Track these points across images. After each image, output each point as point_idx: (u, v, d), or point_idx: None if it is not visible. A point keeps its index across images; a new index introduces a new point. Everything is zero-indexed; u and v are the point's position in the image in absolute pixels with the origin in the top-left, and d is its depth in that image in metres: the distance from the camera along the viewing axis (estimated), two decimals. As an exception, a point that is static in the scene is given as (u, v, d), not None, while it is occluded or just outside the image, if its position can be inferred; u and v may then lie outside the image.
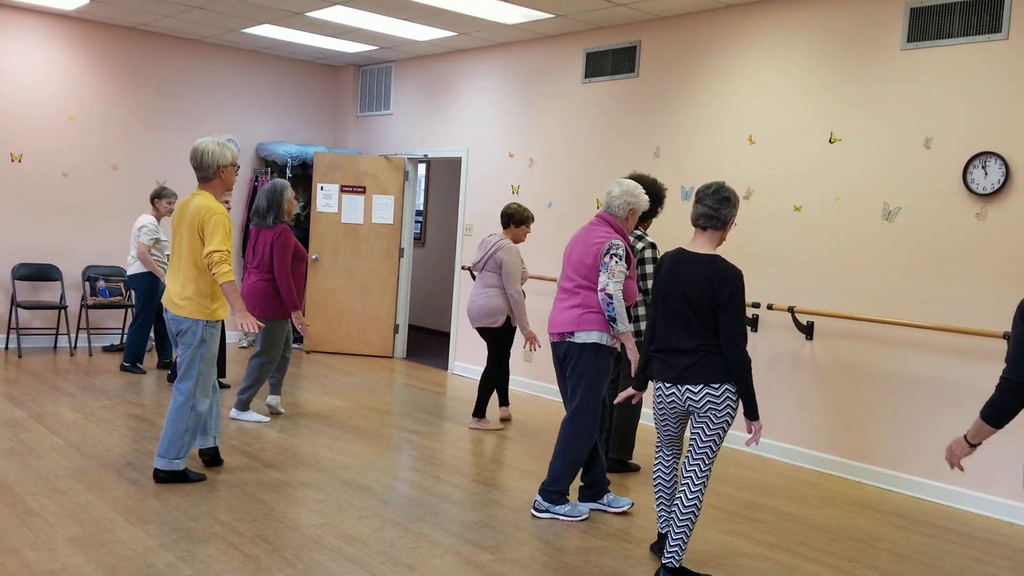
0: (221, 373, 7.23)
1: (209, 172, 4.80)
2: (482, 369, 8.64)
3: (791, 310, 6.13)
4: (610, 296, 4.44)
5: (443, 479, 5.29)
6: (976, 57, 5.41)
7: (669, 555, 3.81)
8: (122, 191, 9.24)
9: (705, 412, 3.76)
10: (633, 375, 4.44)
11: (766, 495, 5.41)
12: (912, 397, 5.64)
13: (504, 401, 6.99)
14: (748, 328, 6.41)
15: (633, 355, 4.57)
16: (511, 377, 8.32)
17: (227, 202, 6.33)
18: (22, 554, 3.79)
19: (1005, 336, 5.15)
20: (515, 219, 6.46)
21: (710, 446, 3.79)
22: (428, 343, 10.88)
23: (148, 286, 7.84)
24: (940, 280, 5.54)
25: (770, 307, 6.28)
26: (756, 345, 6.44)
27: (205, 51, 9.61)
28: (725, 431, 3.79)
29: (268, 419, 6.44)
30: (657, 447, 4.14)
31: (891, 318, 5.71)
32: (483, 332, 6.54)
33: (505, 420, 6.94)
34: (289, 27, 8.49)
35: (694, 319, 3.74)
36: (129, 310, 9.07)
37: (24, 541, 3.93)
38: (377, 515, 4.57)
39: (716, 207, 3.82)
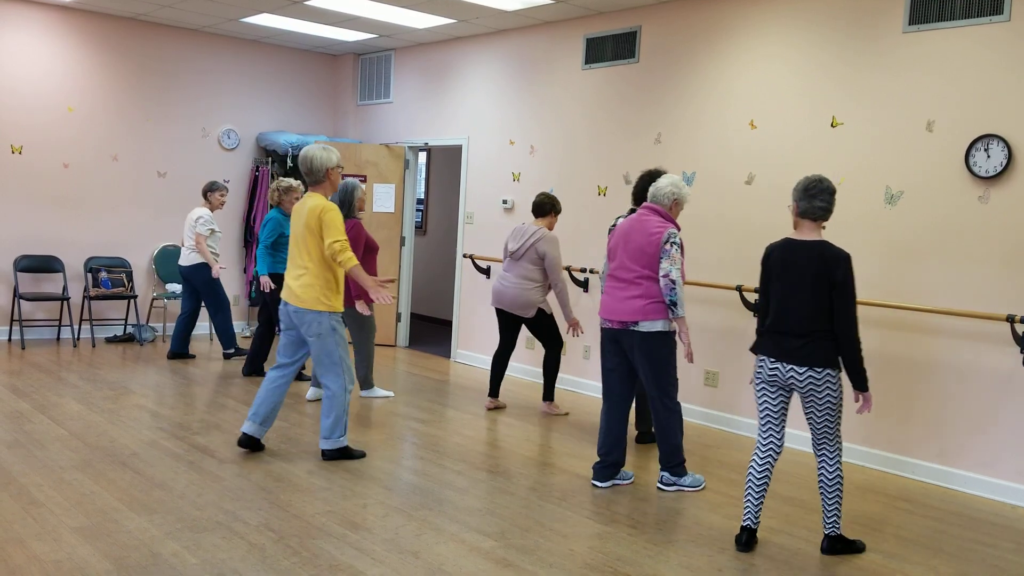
0: (261, 366, 7.61)
1: (319, 176, 5.15)
2: (485, 356, 8.68)
3: (793, 295, 6.12)
4: (673, 282, 4.75)
5: (447, 467, 5.30)
6: (978, 39, 5.38)
7: (830, 525, 4.19)
8: (123, 182, 9.23)
9: (808, 393, 4.06)
10: (686, 356, 4.91)
11: (775, 483, 5.40)
12: (916, 381, 5.64)
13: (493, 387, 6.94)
14: (753, 314, 6.44)
15: (687, 337, 4.89)
16: (513, 364, 8.33)
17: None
18: (28, 545, 3.80)
19: (1008, 319, 5.15)
20: (556, 209, 6.61)
21: (827, 425, 4.09)
22: (431, 331, 10.88)
23: (210, 275, 8.04)
24: (943, 263, 5.53)
25: (772, 292, 6.27)
26: (759, 330, 6.44)
27: (204, 41, 9.59)
28: (835, 408, 4.07)
29: (391, 393, 7.08)
30: (758, 435, 4.27)
31: (894, 302, 5.70)
32: (512, 317, 6.66)
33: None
34: (288, 16, 8.46)
35: (811, 301, 4.02)
36: (132, 301, 9.09)
37: (30, 532, 3.94)
38: (381, 503, 4.58)
39: (830, 201, 4.11)
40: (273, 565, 3.73)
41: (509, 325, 6.75)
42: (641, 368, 4.92)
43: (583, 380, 7.75)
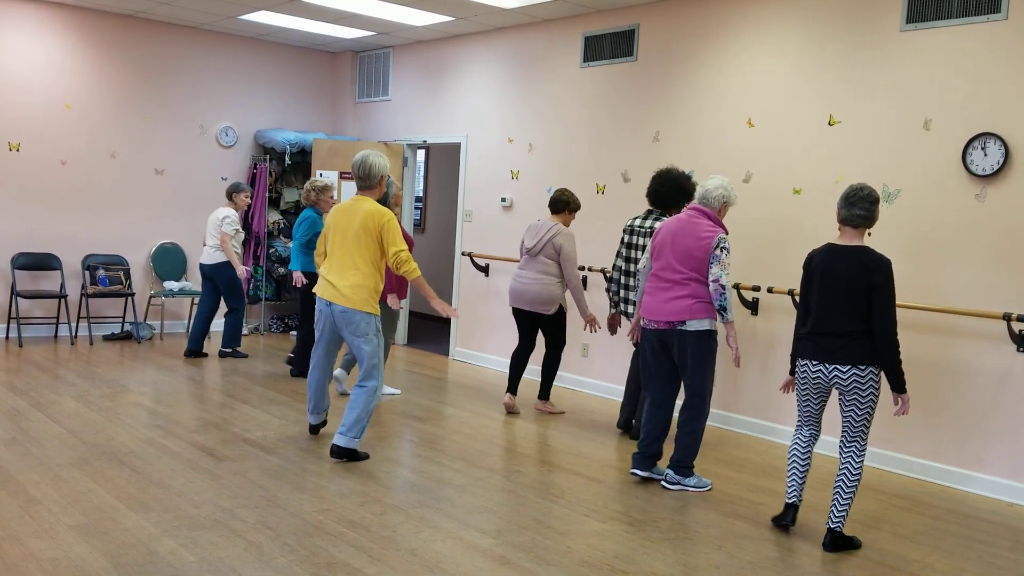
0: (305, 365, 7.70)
1: (373, 181, 5.30)
2: (483, 354, 8.69)
3: (791, 293, 6.12)
4: (723, 287, 4.82)
5: (445, 464, 5.31)
6: (975, 38, 5.38)
7: (837, 520, 4.25)
8: (121, 179, 9.22)
9: (851, 391, 4.18)
10: (734, 360, 4.97)
11: (767, 478, 5.42)
12: (912, 378, 5.63)
13: (544, 394, 6.89)
14: (750, 312, 6.45)
15: (735, 342, 4.93)
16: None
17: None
18: (25, 542, 3.80)
19: (1005, 317, 5.15)
20: (571, 206, 6.58)
21: (864, 422, 4.22)
22: (429, 329, 10.88)
23: (233, 274, 8.17)
24: (940, 262, 5.53)
25: (770, 290, 6.28)
26: (756, 328, 6.44)
27: (202, 38, 9.57)
28: (874, 407, 4.21)
29: (398, 391, 7.20)
30: (797, 426, 4.49)
31: (891, 300, 5.71)
32: (532, 316, 6.62)
33: (512, 411, 6.80)
34: (286, 13, 8.45)
35: (850, 305, 4.15)
36: (130, 298, 9.08)
37: (27, 530, 3.94)
38: (379, 501, 4.58)
39: (870, 208, 4.23)
40: (270, 563, 3.73)
41: (529, 324, 6.70)
42: (686, 367, 4.99)
43: (584, 379, 7.75)
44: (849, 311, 4.15)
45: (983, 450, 5.35)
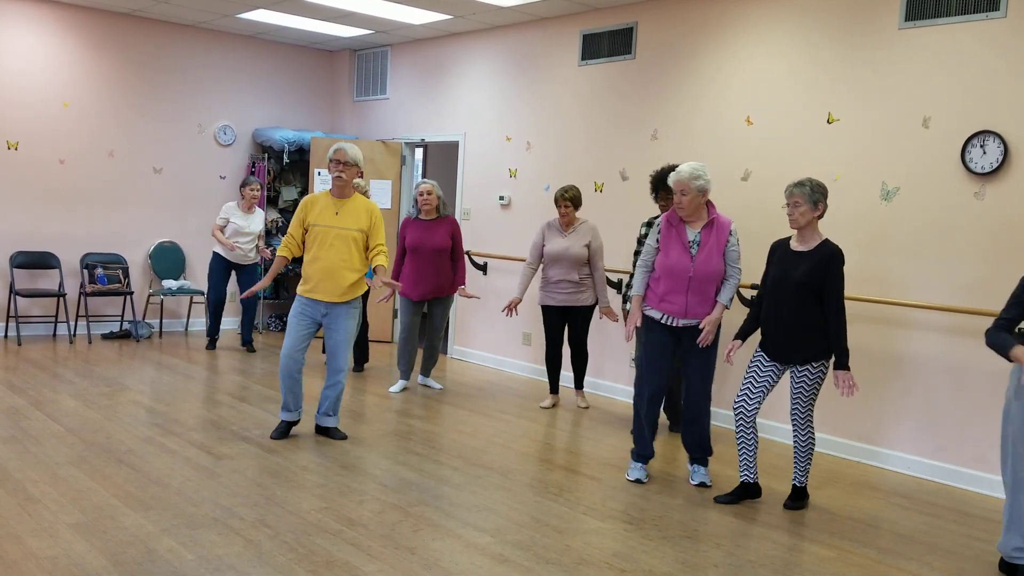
0: (364, 358, 8.05)
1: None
2: (480, 352, 8.69)
3: (790, 291, 6.13)
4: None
5: (443, 463, 5.31)
6: (974, 36, 5.38)
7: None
8: (119, 178, 9.21)
9: None
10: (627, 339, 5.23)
11: (766, 476, 5.42)
12: (911, 377, 5.65)
13: (577, 384, 7.08)
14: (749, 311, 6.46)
15: (630, 318, 5.13)
16: (512, 361, 8.32)
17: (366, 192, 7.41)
18: (24, 541, 3.80)
19: (1004, 315, 5.16)
20: (555, 201, 6.77)
21: None
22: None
23: (210, 265, 8.67)
24: (939, 260, 5.54)
25: (769, 288, 6.28)
26: (755, 326, 6.44)
27: (200, 37, 9.57)
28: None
29: (397, 391, 7.26)
30: None
31: (890, 298, 5.71)
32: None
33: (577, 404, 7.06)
34: (283, 11, 8.45)
35: None
36: (128, 297, 9.09)
37: (26, 528, 3.94)
38: (377, 499, 4.58)
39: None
40: (269, 561, 3.73)
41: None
42: None
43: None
44: None
45: (982, 448, 5.35)
